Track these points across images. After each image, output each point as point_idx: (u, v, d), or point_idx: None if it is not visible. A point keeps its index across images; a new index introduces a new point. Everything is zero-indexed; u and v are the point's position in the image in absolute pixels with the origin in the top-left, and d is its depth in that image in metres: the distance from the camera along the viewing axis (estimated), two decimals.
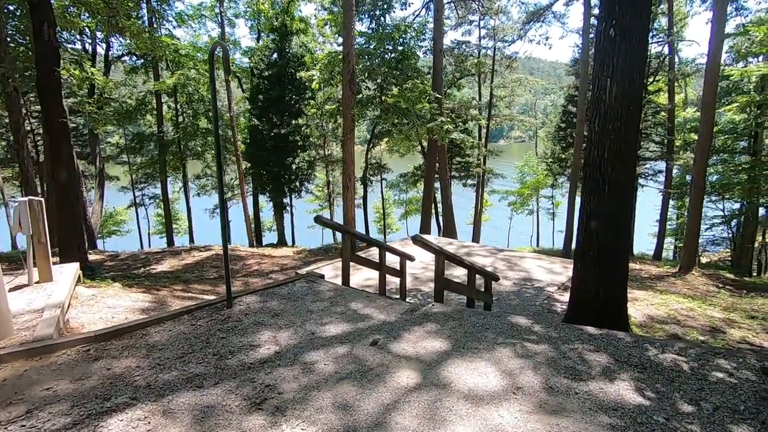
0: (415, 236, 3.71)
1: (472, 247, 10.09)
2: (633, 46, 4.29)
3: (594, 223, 4.71)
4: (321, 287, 4.47)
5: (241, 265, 9.64)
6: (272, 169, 15.37)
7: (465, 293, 4.49)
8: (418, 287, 7.25)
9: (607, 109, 4.47)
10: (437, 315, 3.67)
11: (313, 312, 3.79)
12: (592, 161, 4.67)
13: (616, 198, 4.57)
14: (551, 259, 8.98)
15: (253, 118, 15.53)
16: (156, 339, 3.25)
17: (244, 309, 3.84)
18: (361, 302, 4.05)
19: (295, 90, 16.01)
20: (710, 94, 10.36)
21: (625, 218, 4.66)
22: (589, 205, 4.73)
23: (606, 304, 4.78)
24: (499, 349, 3.02)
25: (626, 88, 4.37)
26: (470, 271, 4.54)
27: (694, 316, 6.20)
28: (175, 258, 10.29)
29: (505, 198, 26.71)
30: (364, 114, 13.17)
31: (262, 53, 15.63)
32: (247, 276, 8.60)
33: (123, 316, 4.53)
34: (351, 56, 9.63)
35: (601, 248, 4.69)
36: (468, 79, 22.72)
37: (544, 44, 18.88)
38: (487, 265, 8.53)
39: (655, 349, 3.00)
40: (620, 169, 4.51)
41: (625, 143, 4.49)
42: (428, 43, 14.18)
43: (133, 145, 16.53)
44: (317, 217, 4.45)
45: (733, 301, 7.97)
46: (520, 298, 6.64)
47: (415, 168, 22.69)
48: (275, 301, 4.07)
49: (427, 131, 12.31)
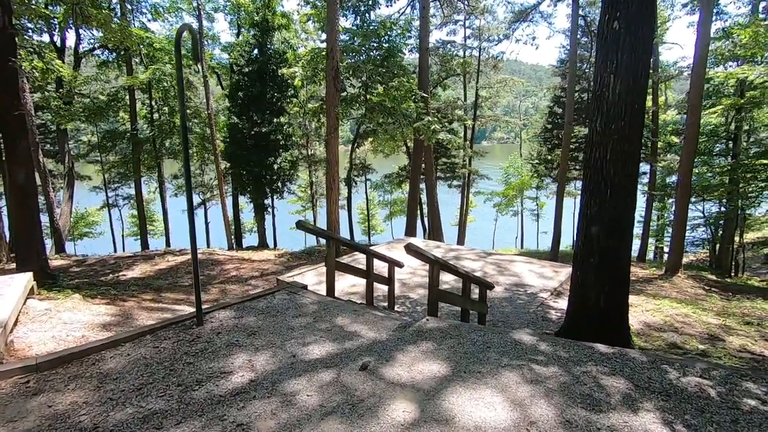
0: (408, 245, 3.37)
1: (460, 250, 9.82)
2: (638, 39, 4.04)
3: (595, 228, 4.45)
4: (303, 299, 4.08)
5: (219, 271, 9.13)
6: (253, 169, 14.80)
7: (460, 304, 4.17)
8: (407, 294, 6.92)
9: (610, 107, 4.21)
10: (433, 332, 3.33)
11: (295, 329, 3.40)
12: (594, 163, 4.41)
13: (619, 202, 4.32)
14: (541, 263, 8.77)
15: (233, 116, 14.94)
16: (111, 366, 2.81)
17: (216, 327, 3.43)
18: (348, 317, 3.68)
19: (276, 87, 15.48)
20: (696, 97, 10.35)
21: (627, 223, 4.41)
22: (590, 210, 4.47)
23: (607, 313, 4.53)
24: (504, 373, 2.69)
25: (631, 85, 4.12)
26: (465, 281, 4.22)
27: (690, 322, 6.04)
28: (148, 263, 9.69)
29: (490, 199, 26.66)
30: (349, 113, 12.78)
31: (242, 49, 15.05)
32: (224, 282, 8.11)
33: (80, 333, 4.03)
34: (335, 52, 9.23)
35: (602, 254, 4.44)
36: (453, 79, 22.54)
37: (531, 44, 18.80)
38: (476, 270, 8.26)
39: (675, 371, 2.72)
40: (623, 171, 4.27)
41: (629, 144, 4.24)
42: (414, 41, 13.91)
43: (105, 143, 15.69)
44: (299, 223, 4.06)
45: (723, 305, 7.90)
46: (513, 305, 6.38)
47: (400, 168, 22.39)
48: (252, 316, 3.66)
49: (413, 131, 12.01)
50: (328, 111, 9.67)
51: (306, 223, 4.16)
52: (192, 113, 16.45)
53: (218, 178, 14.32)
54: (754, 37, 9.20)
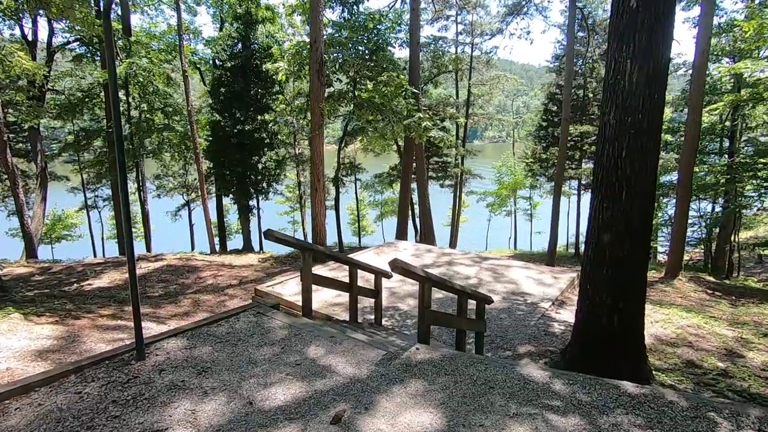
0: (394, 261, 2.79)
1: (453, 254, 9.27)
2: (658, 18, 3.51)
3: (607, 237, 3.91)
4: (272, 322, 3.48)
5: (194, 279, 8.46)
6: (236, 168, 14.12)
7: (455, 326, 3.60)
8: (396, 305, 6.34)
9: (627, 97, 3.67)
10: (423, 366, 2.76)
11: (257, 364, 2.80)
12: (606, 161, 3.87)
13: (636, 206, 3.78)
14: (539, 268, 8.25)
15: (215, 113, 14.23)
16: (13, 422, 2.19)
17: (161, 362, 2.81)
18: (324, 345, 3.09)
19: (260, 83, 14.80)
20: (698, 94, 9.92)
21: (645, 230, 3.88)
22: (602, 215, 3.93)
23: (622, 334, 3.99)
24: (513, 427, 2.12)
25: (650, 72, 3.58)
26: (461, 297, 3.66)
27: (703, 335, 5.55)
28: (118, 270, 8.98)
29: (483, 199, 26.19)
30: (336, 110, 12.17)
31: (224, 43, 14.35)
32: (198, 292, 7.46)
33: (5, 365, 3.39)
34: (319, 43, 8.62)
35: (616, 267, 3.90)
36: (445, 77, 22.02)
37: (525, 38, 18.35)
38: (471, 277, 7.72)
39: (726, 420, 2.18)
40: (641, 171, 3.73)
41: (648, 139, 3.71)
42: (404, 35, 13.35)
43: (79, 141, 14.85)
44: (267, 232, 3.47)
45: (732, 312, 7.46)
46: (512, 318, 5.84)
47: (391, 168, 21.81)
48: (208, 346, 3.05)
49: (404, 128, 11.44)
50: (313, 106, 9.06)
51: (275, 232, 3.56)
52: (173, 110, 15.69)
53: (199, 179, 13.62)
54: (758, 29, 8.77)
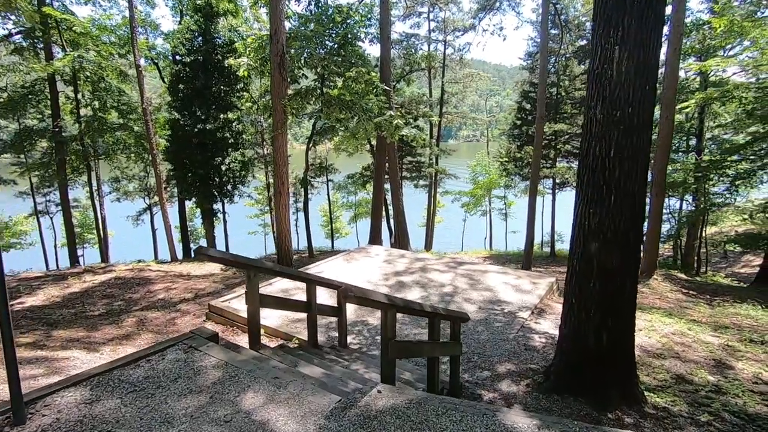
0: (346, 289, 2.25)
1: (427, 260, 8.81)
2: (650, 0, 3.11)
3: (595, 245, 3.49)
4: (205, 360, 2.87)
5: (143, 293, 7.65)
6: (198, 170, 13.23)
7: (427, 354, 3.09)
8: (364, 318, 5.81)
9: (615, 88, 3.25)
10: (385, 417, 2.22)
11: (174, 423, 2.20)
12: (592, 162, 3.45)
13: (625, 210, 3.38)
14: (517, 273, 7.89)
15: (174, 111, 13.29)
16: None
17: (46, 425, 2.17)
18: (264, 391, 2.51)
19: (223, 80, 13.93)
20: (671, 91, 9.84)
21: (635, 238, 3.48)
22: (588, 221, 3.51)
23: (610, 355, 3.59)
24: None
25: (641, 59, 3.17)
26: (433, 319, 3.15)
27: (689, 344, 5.27)
28: (58, 285, 8.07)
29: (458, 199, 25.96)
30: (303, 108, 11.51)
31: (183, 36, 13.42)
32: (145, 309, 6.68)
33: None
34: (280, 34, 7.97)
35: (604, 279, 3.49)
36: (418, 75, 21.63)
37: (498, 35, 18.20)
38: (445, 284, 7.27)
39: None
40: (631, 171, 3.33)
41: (638, 136, 3.31)
42: (375, 30, 12.82)
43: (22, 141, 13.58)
44: (198, 250, 2.86)
45: (711, 314, 7.30)
46: (490, 331, 5.40)
47: (364, 168, 21.26)
48: (116, 398, 2.42)
49: (374, 127, 10.90)
50: (274, 102, 8.39)
51: (208, 249, 2.96)
52: (128, 108, 14.61)
53: (156, 182, 12.66)
54: (729, 26, 8.70)
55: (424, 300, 6.53)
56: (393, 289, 7.03)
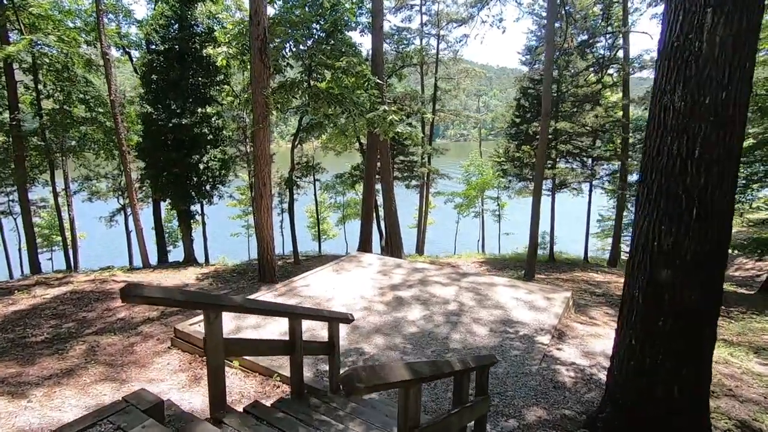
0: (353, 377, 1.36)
1: (426, 270, 7.95)
2: None
3: (667, 273, 2.67)
4: None
5: (101, 311, 6.62)
6: (173, 169, 12.14)
7: (457, 428, 2.23)
8: (359, 346, 4.94)
9: (704, 66, 2.43)
10: None
11: None
12: (665, 164, 2.62)
13: (712, 231, 2.57)
14: (527, 287, 7.09)
15: (146, 104, 12.16)
16: None
17: None
18: None
19: (201, 71, 12.84)
20: None
21: (720, 267, 2.68)
22: (659, 241, 2.69)
23: (682, 412, 2.79)
24: None
25: (743, 27, 2.36)
26: (461, 378, 2.30)
27: (738, 375, 4.53)
28: (1, 302, 6.97)
29: (451, 200, 25.18)
30: (289, 101, 10.55)
31: (157, 22, 12.31)
32: (100, 333, 5.66)
33: None
34: (261, 15, 7.03)
35: (681, 316, 2.68)
36: (410, 70, 20.80)
37: (497, 26, 17.50)
38: (449, 300, 6.44)
39: None
40: (720, 179, 2.52)
41: (731, 132, 2.49)
42: (366, 19, 11.95)
43: None
44: (128, 290, 1.95)
45: (739, 330, 6.63)
46: (508, 362, 4.57)
47: (353, 168, 20.32)
48: None
49: (367, 123, 10.02)
50: (255, 94, 7.45)
51: (142, 288, 2.06)
52: (96, 101, 13.41)
53: (127, 181, 11.55)
54: None
55: (426, 321, 5.68)
56: (390, 306, 6.16)
